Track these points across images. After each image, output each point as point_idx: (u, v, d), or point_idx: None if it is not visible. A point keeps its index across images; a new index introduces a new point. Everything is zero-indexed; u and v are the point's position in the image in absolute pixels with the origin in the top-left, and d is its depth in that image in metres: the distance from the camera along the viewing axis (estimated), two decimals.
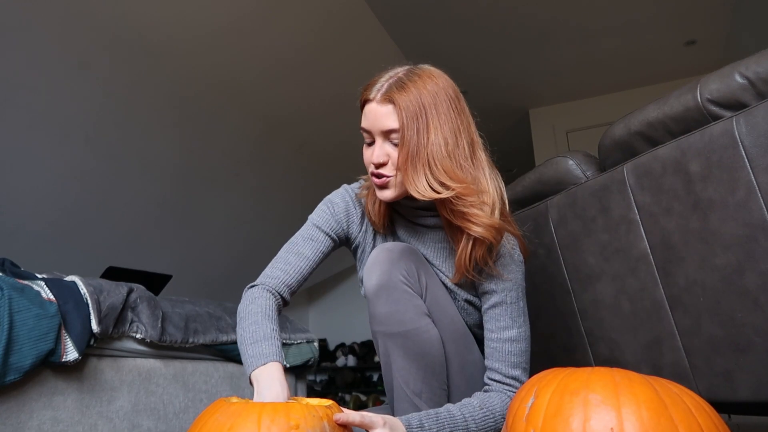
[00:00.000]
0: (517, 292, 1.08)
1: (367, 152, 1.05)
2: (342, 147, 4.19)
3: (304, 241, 1.12)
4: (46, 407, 1.33)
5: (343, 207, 1.15)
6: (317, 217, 1.14)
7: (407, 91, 0.99)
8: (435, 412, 0.94)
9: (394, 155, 1.02)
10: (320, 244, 1.11)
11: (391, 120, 1.00)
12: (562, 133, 4.71)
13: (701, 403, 0.68)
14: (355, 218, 1.16)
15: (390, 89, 1.00)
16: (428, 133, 0.98)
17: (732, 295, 1.04)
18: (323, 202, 1.17)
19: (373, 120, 1.02)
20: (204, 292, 4.38)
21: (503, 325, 1.06)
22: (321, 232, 1.12)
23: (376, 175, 1.03)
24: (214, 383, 1.78)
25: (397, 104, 0.99)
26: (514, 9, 3.55)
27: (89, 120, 2.91)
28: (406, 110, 0.98)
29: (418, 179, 0.98)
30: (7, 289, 1.27)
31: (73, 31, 2.53)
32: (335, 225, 1.14)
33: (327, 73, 3.67)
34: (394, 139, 1.01)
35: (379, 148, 1.02)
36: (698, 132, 1.08)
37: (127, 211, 3.49)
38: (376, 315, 1.02)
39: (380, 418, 0.85)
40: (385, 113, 1.00)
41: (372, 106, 1.02)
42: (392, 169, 1.02)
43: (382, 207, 1.12)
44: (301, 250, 1.10)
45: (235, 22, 3.00)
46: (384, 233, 1.17)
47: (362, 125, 1.04)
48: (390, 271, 1.02)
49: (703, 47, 4.04)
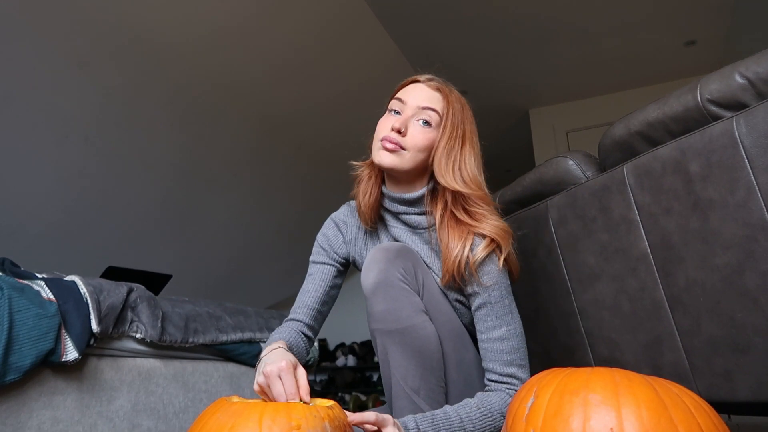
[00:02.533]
0: (500, 291, 1.08)
1: (387, 120, 1.11)
2: (341, 148, 4.18)
3: (306, 280, 1.24)
4: (46, 407, 1.33)
5: (330, 234, 1.25)
6: (312, 255, 1.26)
7: (454, 95, 1.11)
8: (431, 413, 0.95)
9: (416, 134, 1.08)
10: (318, 275, 1.22)
11: (436, 102, 1.09)
12: (562, 133, 4.71)
13: (701, 403, 0.68)
14: (341, 240, 1.25)
15: (441, 84, 1.11)
16: (463, 144, 1.09)
17: (732, 295, 1.04)
18: (315, 241, 1.28)
19: (417, 95, 1.10)
20: (204, 292, 4.38)
21: (491, 325, 1.07)
22: (316, 265, 1.24)
23: (389, 139, 1.07)
24: (214, 383, 1.78)
25: (446, 97, 1.09)
26: (514, 9, 3.55)
27: (89, 120, 2.91)
28: (452, 107, 1.09)
29: (447, 170, 1.07)
30: (7, 289, 1.27)
31: (74, 32, 2.53)
32: (327, 253, 1.24)
33: (327, 74, 3.67)
34: (427, 116, 1.08)
35: (404, 119, 1.08)
36: (698, 132, 1.08)
37: (128, 211, 3.49)
38: (373, 313, 1.04)
39: (390, 418, 0.87)
40: (432, 96, 1.09)
41: (420, 86, 1.11)
42: (410, 143, 1.08)
43: (372, 198, 1.17)
44: (304, 288, 1.22)
45: (235, 23, 3.00)
46: (373, 230, 1.21)
47: (399, 96, 1.11)
48: (387, 269, 1.03)
49: (703, 47, 4.04)
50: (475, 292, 1.08)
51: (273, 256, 4.88)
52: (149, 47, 2.85)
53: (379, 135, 1.09)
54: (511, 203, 1.62)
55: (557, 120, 4.77)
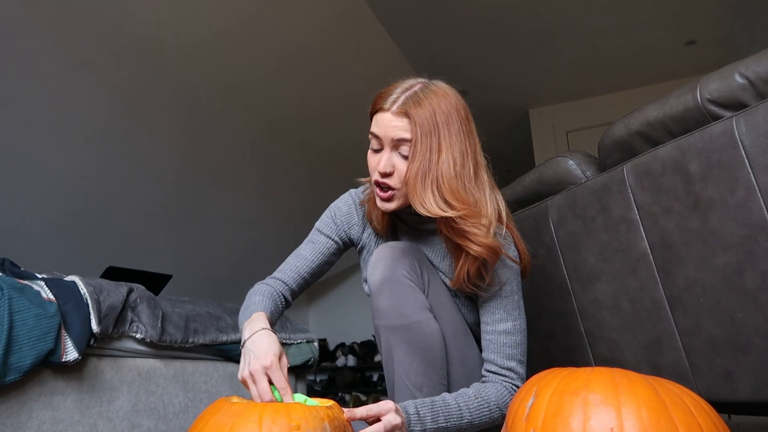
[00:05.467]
0: (510, 286, 1.09)
1: (372, 158, 1.07)
2: (343, 148, 4.19)
3: (305, 244, 1.20)
4: (46, 407, 1.33)
5: (345, 211, 1.21)
6: (320, 222, 1.22)
7: (423, 107, 1.01)
8: (431, 400, 0.96)
9: (400, 167, 1.03)
10: (320, 246, 1.18)
11: (405, 132, 1.01)
12: (562, 133, 4.71)
13: (701, 403, 0.68)
14: (356, 221, 1.21)
15: (406, 102, 1.02)
16: (440, 152, 1.01)
17: (732, 295, 1.04)
18: (328, 208, 1.23)
19: (386, 128, 1.03)
20: (204, 292, 4.38)
21: (498, 318, 1.08)
22: (321, 235, 1.20)
23: (380, 186, 1.05)
24: (214, 383, 1.78)
25: (413, 119, 1.00)
26: (514, 9, 3.55)
27: (90, 120, 2.91)
28: (421, 126, 1.00)
29: (425, 196, 1.00)
30: (7, 289, 1.27)
31: (75, 32, 2.53)
32: (336, 228, 1.20)
33: (329, 75, 3.67)
34: (403, 150, 1.02)
35: (386, 158, 1.04)
36: (698, 132, 1.08)
37: (128, 212, 3.49)
38: (378, 309, 1.04)
39: (391, 404, 0.88)
40: (399, 125, 1.02)
41: (386, 115, 1.03)
42: (398, 181, 1.04)
43: (385, 214, 1.15)
44: (301, 253, 1.19)
45: (237, 24, 3.00)
46: (386, 237, 1.20)
47: (372, 131, 1.06)
48: (394, 267, 1.04)
49: (703, 47, 4.04)
50: (485, 289, 1.09)
51: (273, 257, 4.88)
52: (151, 47, 2.85)
53: (372, 174, 1.08)
54: (511, 203, 1.62)
55: (557, 120, 4.77)
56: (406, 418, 0.90)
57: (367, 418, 0.86)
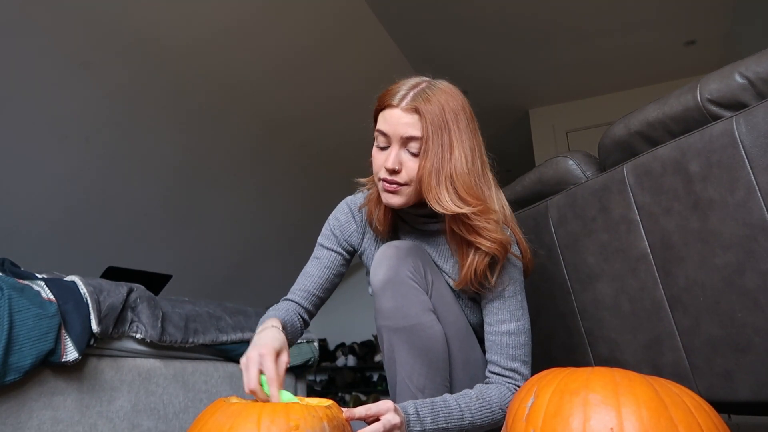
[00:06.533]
0: (513, 287, 1.09)
1: (379, 156, 1.06)
2: (343, 148, 4.19)
3: (310, 261, 1.21)
4: (46, 407, 1.33)
5: (343, 220, 1.21)
6: (321, 237, 1.22)
7: (432, 103, 1.01)
8: (431, 400, 0.96)
9: (408, 164, 1.03)
10: (325, 260, 1.19)
11: (415, 129, 1.01)
12: (562, 133, 4.71)
13: (701, 403, 0.68)
14: (354, 229, 1.21)
15: (415, 99, 1.01)
16: (451, 148, 1.01)
17: (732, 295, 1.04)
18: (326, 221, 1.24)
19: (395, 125, 1.02)
20: (204, 292, 4.38)
21: (501, 319, 1.08)
22: (324, 249, 1.20)
23: (387, 181, 1.04)
24: (214, 383, 1.78)
25: (423, 115, 1.00)
26: (514, 9, 3.55)
27: (90, 120, 2.91)
28: (432, 123, 1.00)
29: (440, 193, 1.00)
30: (7, 289, 1.27)
31: (75, 32, 2.53)
32: (336, 239, 1.20)
33: (328, 75, 3.67)
34: (412, 148, 1.02)
35: (395, 155, 1.03)
36: (698, 132, 1.08)
37: (128, 212, 3.49)
38: (381, 309, 1.04)
39: (390, 403, 0.88)
40: (409, 121, 1.01)
41: (395, 112, 1.02)
42: (406, 177, 1.03)
43: (387, 215, 1.14)
44: (308, 271, 1.20)
45: (237, 24, 3.00)
46: (387, 238, 1.19)
47: (380, 128, 1.05)
48: (397, 267, 1.04)
49: (703, 47, 4.04)
50: (490, 289, 1.09)
51: (273, 257, 4.88)
52: (151, 48, 2.85)
53: (376, 172, 1.07)
54: (511, 203, 1.61)
55: (557, 120, 4.77)
56: (405, 418, 0.90)
57: (366, 417, 0.86)
